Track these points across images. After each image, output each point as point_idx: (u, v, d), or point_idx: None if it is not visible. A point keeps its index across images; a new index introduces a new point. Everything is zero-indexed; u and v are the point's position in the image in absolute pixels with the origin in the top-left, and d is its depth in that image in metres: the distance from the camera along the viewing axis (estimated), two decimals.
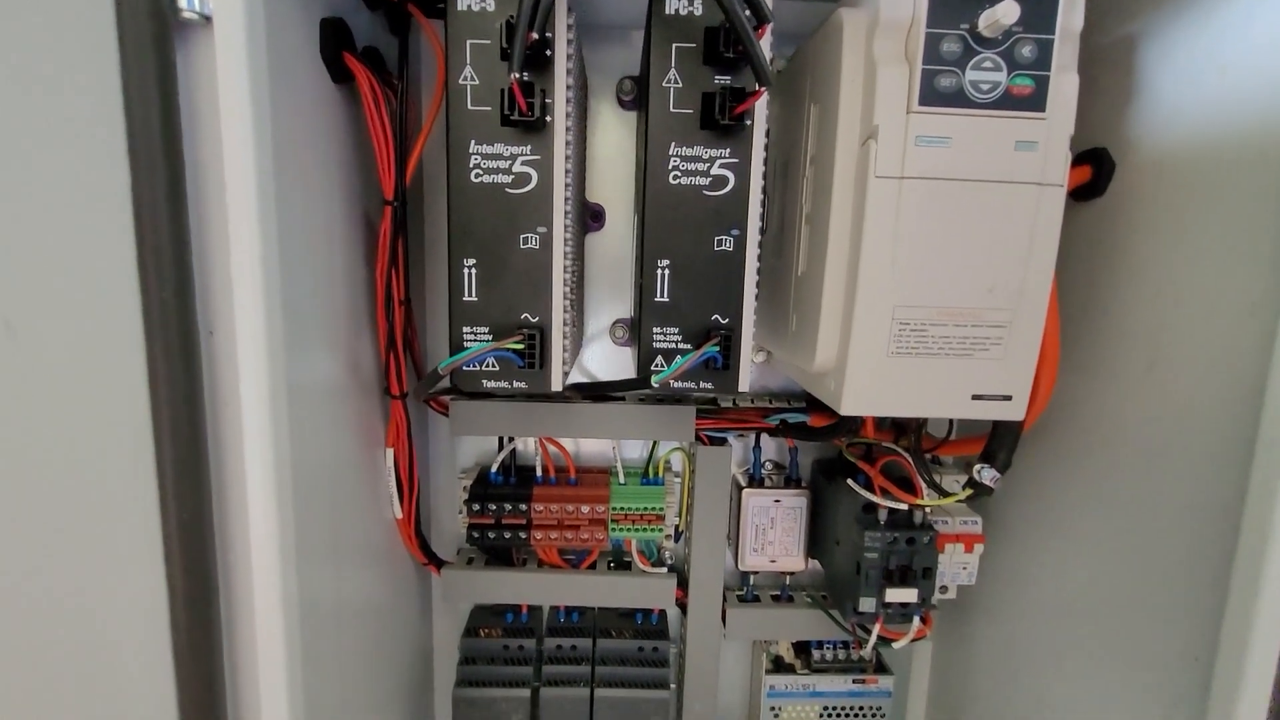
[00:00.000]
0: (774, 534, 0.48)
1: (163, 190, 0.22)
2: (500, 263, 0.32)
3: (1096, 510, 0.37)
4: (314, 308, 0.32)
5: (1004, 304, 0.31)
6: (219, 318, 0.23)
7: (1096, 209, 0.38)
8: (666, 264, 0.33)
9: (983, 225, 0.30)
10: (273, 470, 0.27)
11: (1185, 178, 0.32)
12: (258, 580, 0.28)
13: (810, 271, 0.35)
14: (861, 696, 0.50)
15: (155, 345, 0.21)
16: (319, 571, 0.33)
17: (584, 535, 0.46)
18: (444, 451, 0.51)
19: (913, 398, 0.33)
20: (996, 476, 0.36)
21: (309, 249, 0.31)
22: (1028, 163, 0.30)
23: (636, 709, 0.47)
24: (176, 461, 0.25)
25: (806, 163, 0.36)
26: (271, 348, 0.25)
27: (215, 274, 0.24)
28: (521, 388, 0.33)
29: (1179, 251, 0.33)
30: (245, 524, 0.28)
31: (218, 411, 0.26)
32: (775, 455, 0.51)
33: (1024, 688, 0.43)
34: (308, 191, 0.31)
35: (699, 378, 0.33)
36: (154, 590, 0.26)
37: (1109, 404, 0.36)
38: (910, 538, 0.40)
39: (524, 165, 0.32)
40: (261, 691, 0.29)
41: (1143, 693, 0.33)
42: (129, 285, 0.21)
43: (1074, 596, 0.39)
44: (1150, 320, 0.34)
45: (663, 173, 0.32)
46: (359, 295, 0.38)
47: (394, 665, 0.46)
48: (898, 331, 0.32)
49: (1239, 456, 0.28)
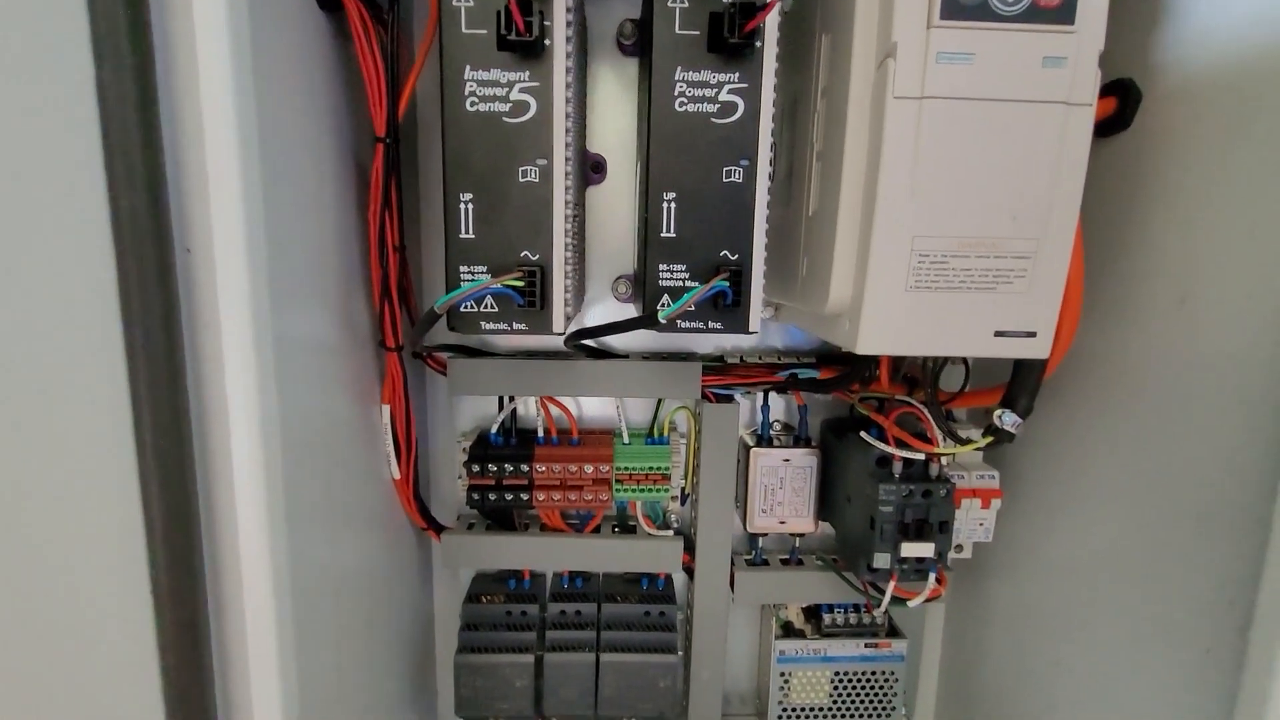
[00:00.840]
0: (783, 494, 0.46)
1: (132, 100, 0.20)
2: (498, 197, 0.31)
3: (1120, 461, 0.36)
4: (301, 251, 0.30)
5: (1028, 233, 0.30)
6: (196, 235, 0.22)
7: (1121, 144, 0.36)
8: (673, 197, 0.31)
9: (1006, 148, 0.29)
10: (258, 424, 0.26)
11: (1217, 101, 0.31)
12: (244, 547, 0.27)
13: (823, 209, 0.33)
14: (874, 661, 0.49)
15: (127, 261, 0.20)
16: (311, 537, 0.31)
17: (587, 496, 0.45)
18: (443, 415, 0.50)
19: (932, 335, 0.31)
20: (1018, 421, 0.35)
21: (295, 184, 0.30)
22: (1055, 80, 0.28)
23: (643, 674, 0.46)
24: (155, 416, 0.23)
25: (818, 97, 0.35)
26: (253, 265, 0.23)
27: (193, 191, 0.22)
28: (522, 329, 0.32)
29: (1211, 179, 0.31)
30: (230, 485, 0.26)
31: (197, 344, 0.24)
32: (783, 416, 0.50)
33: (1040, 652, 0.42)
34: (293, 120, 0.29)
35: (708, 317, 0.32)
36: (133, 558, 0.24)
37: (1136, 346, 0.35)
38: (926, 490, 0.39)
39: (522, 93, 0.30)
40: (251, 664, 0.28)
41: (1167, 658, 0.32)
42: (97, 192, 0.20)
43: (1094, 554, 0.37)
44: (1181, 252, 0.32)
45: (668, 100, 0.30)
46: (351, 243, 0.37)
47: (393, 635, 0.44)
48: (917, 264, 0.30)
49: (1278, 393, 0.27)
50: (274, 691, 0.28)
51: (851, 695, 0.49)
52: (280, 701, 0.28)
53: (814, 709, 0.50)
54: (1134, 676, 0.34)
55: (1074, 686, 0.38)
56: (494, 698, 0.46)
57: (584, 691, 0.46)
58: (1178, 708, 0.31)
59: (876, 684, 0.49)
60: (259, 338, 0.24)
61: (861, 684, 0.49)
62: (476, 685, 0.46)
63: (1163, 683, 0.32)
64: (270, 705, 0.28)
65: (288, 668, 0.29)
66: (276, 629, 0.28)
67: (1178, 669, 0.31)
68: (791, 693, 0.49)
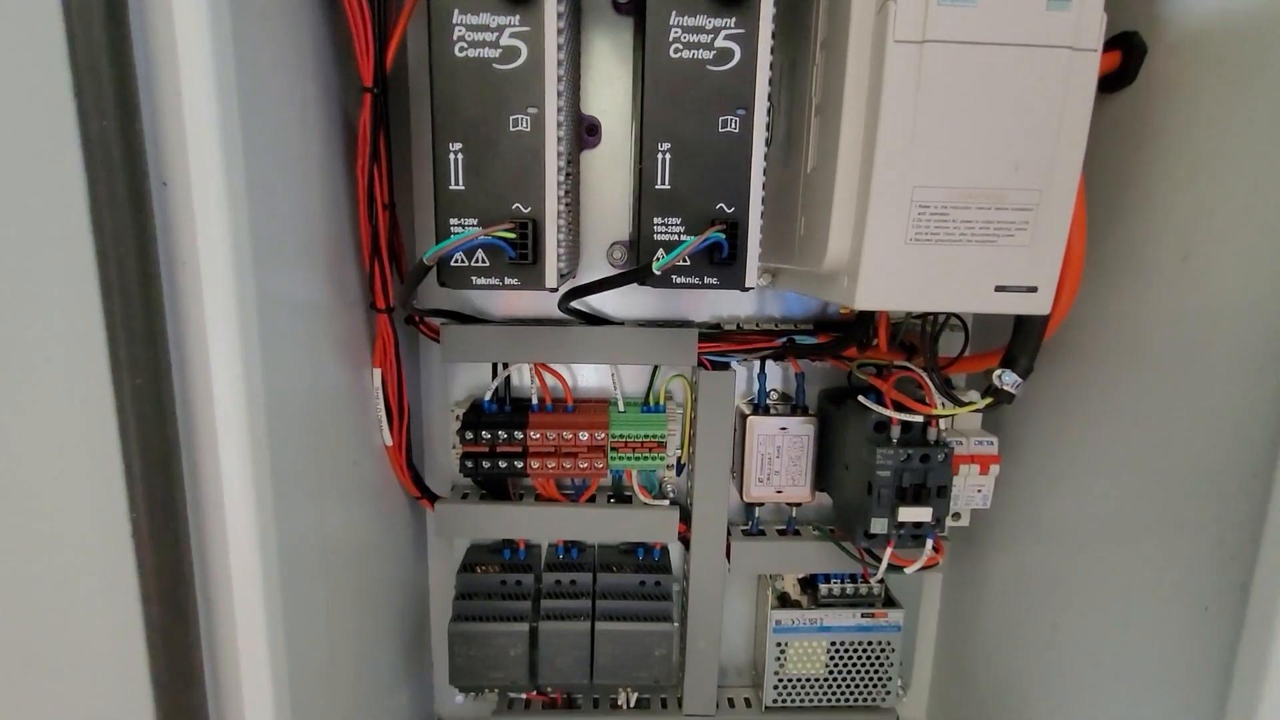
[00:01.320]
0: (780, 463, 0.46)
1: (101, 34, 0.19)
2: (488, 147, 0.30)
3: (1120, 423, 0.35)
4: (285, 204, 0.29)
5: (1031, 183, 0.29)
6: (173, 168, 0.21)
7: (1124, 99, 0.35)
8: (668, 148, 0.30)
9: (1009, 95, 0.28)
10: (242, 381, 0.25)
11: (1221, 54, 0.30)
12: (230, 512, 0.26)
13: (821, 165, 0.33)
14: (870, 631, 0.49)
15: (99, 189, 0.19)
16: (299, 503, 0.31)
17: (582, 464, 0.44)
18: (436, 384, 0.49)
19: (932, 290, 0.31)
20: (1018, 382, 0.34)
21: (277, 130, 0.29)
22: (1060, 24, 0.28)
23: (639, 643, 0.46)
24: (134, 376, 0.22)
25: (816, 50, 0.34)
26: (233, 204, 0.22)
27: (168, 122, 0.21)
28: (514, 284, 0.31)
29: (1216, 132, 0.30)
30: (214, 446, 0.25)
31: (176, 289, 0.23)
32: (780, 385, 0.49)
33: (1038, 619, 0.41)
34: (273, 64, 0.29)
35: (703, 271, 0.31)
36: (115, 530, 0.24)
37: (1137, 306, 0.34)
38: (924, 454, 0.39)
39: (512, 38, 0.29)
40: (239, 634, 0.27)
41: (1166, 617, 0.32)
42: (67, 119, 0.19)
43: (1094, 519, 0.37)
44: (1184, 209, 0.32)
45: (663, 46, 0.30)
46: (339, 200, 0.36)
47: (386, 606, 0.44)
48: (917, 215, 0.29)
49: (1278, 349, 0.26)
50: (263, 661, 0.27)
51: (848, 665, 0.49)
52: (269, 671, 0.28)
53: (810, 679, 0.49)
54: (1132, 638, 0.34)
55: (1072, 651, 0.38)
56: (489, 666, 0.45)
57: (579, 660, 0.46)
58: (1177, 666, 0.31)
59: (873, 654, 0.49)
60: (240, 282, 0.24)
61: (858, 654, 0.49)
62: (471, 654, 0.45)
63: (1162, 642, 0.32)
64: (260, 675, 0.27)
65: (276, 635, 0.28)
66: (264, 597, 0.27)
67: (1176, 628, 0.31)
68: (788, 663, 0.49)
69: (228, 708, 0.27)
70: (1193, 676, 0.30)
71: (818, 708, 0.50)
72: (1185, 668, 0.30)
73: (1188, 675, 0.30)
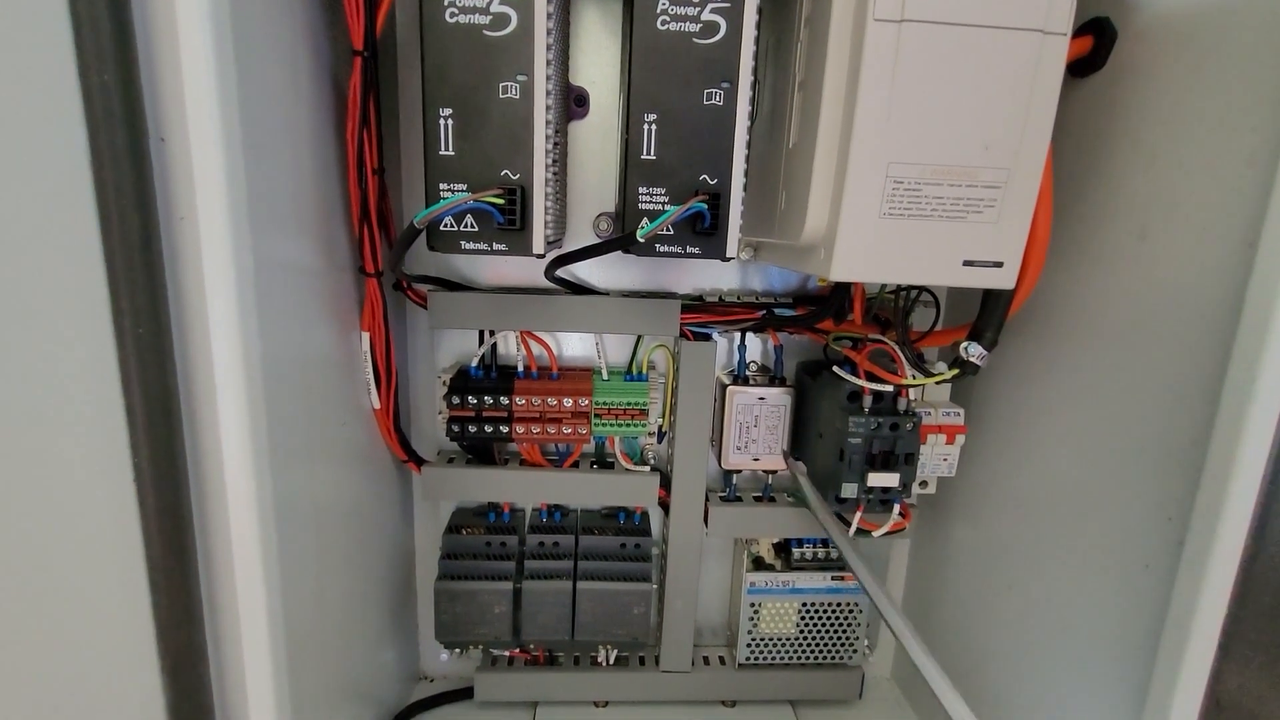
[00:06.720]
0: (758, 432, 0.48)
1: None
2: (478, 114, 0.31)
3: (1077, 395, 0.37)
4: (276, 167, 0.30)
5: (1000, 163, 0.31)
6: (172, 124, 0.22)
7: (1094, 84, 0.37)
8: (653, 119, 0.31)
9: (982, 75, 0.29)
10: (239, 342, 0.26)
11: (1183, 39, 0.31)
12: (230, 478, 0.27)
13: (802, 140, 0.34)
14: (839, 593, 0.51)
15: (100, 143, 0.20)
16: (293, 465, 0.32)
17: (566, 430, 0.45)
18: (423, 350, 0.50)
19: (904, 263, 0.32)
20: (983, 354, 0.36)
21: (270, 93, 0.29)
22: (1032, 7, 0.29)
23: (618, 601, 0.47)
24: (137, 341, 0.22)
25: (801, 27, 0.35)
26: (230, 161, 0.23)
27: (166, 79, 0.22)
28: (502, 250, 0.32)
29: (1176, 114, 0.32)
30: (214, 404, 0.26)
31: (175, 247, 0.24)
32: (760, 358, 0.51)
33: (995, 582, 0.44)
34: (267, 25, 0.29)
35: (686, 241, 0.32)
36: (120, 489, 0.24)
37: (1097, 282, 0.36)
38: (894, 423, 0.40)
39: (502, 5, 0.30)
40: (238, 588, 0.28)
41: (1111, 575, 0.34)
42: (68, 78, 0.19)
43: (1050, 487, 0.39)
44: (1144, 188, 0.33)
45: (650, 18, 0.30)
46: (329, 165, 0.36)
47: (374, 566, 0.45)
48: (891, 190, 0.31)
49: (1225, 324, 0.28)
50: (260, 619, 0.29)
51: (817, 626, 0.52)
52: (266, 629, 0.29)
53: (782, 639, 0.52)
54: (1080, 595, 0.36)
55: (1026, 608, 0.41)
56: (473, 623, 0.47)
57: (561, 618, 0.47)
58: (1117, 618, 0.33)
59: (841, 615, 0.51)
60: (238, 238, 0.24)
61: (827, 615, 0.51)
62: (456, 611, 0.47)
63: (1105, 598, 0.34)
64: (257, 632, 0.29)
65: (273, 582, 0.29)
66: (261, 548, 0.28)
67: (1119, 585, 0.33)
68: (761, 623, 0.51)
69: (226, 647, 0.28)
70: (1131, 625, 0.32)
71: (788, 665, 0.52)
72: (1124, 618, 0.33)
73: (1126, 625, 0.33)
